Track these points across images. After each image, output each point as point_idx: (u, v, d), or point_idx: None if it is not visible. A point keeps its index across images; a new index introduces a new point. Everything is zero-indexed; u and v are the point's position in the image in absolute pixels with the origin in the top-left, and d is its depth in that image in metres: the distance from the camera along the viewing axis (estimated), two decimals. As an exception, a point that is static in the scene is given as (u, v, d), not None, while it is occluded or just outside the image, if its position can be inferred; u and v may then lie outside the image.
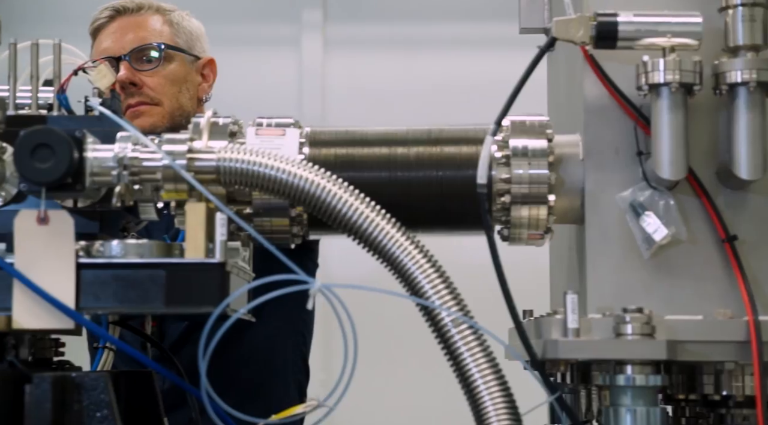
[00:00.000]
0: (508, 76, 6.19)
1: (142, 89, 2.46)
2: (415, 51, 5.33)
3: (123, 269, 1.45)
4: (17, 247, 1.44)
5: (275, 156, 1.48)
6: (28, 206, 1.53)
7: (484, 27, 5.24)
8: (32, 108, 1.62)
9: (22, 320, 1.42)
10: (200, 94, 2.59)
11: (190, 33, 2.57)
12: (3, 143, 1.54)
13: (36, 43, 1.65)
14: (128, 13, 2.49)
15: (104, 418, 1.40)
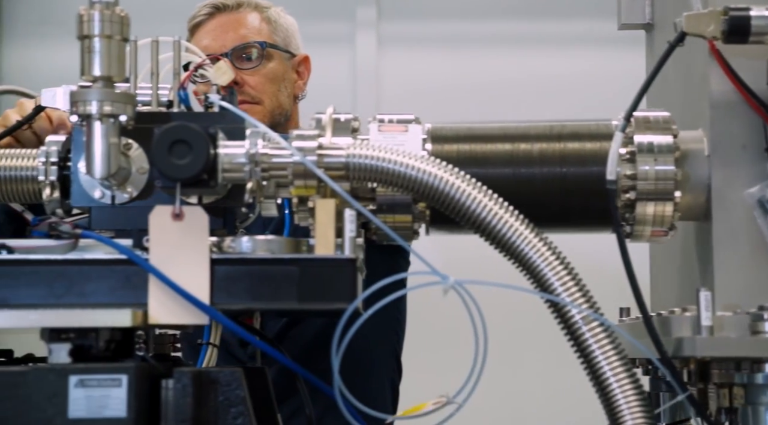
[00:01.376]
0: (559, 73, 6.18)
1: (243, 88, 2.46)
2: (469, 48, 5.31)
3: (256, 265, 1.45)
4: (152, 243, 1.45)
5: (404, 153, 1.48)
6: (153, 203, 1.54)
7: (535, 24, 5.22)
8: (153, 105, 1.63)
9: (157, 315, 1.43)
10: (296, 92, 2.59)
11: (286, 30, 2.58)
12: (129, 140, 1.54)
13: (156, 40, 1.65)
14: (227, 10, 2.49)
15: (239, 414, 1.40)
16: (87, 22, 1.49)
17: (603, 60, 5.05)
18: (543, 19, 5.20)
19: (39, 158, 1.58)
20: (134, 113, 1.51)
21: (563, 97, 5.02)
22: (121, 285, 1.44)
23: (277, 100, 2.50)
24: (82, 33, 1.50)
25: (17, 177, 1.59)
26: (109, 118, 1.49)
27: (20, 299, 1.43)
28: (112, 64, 1.50)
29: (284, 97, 2.53)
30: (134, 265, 1.44)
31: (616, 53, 4.96)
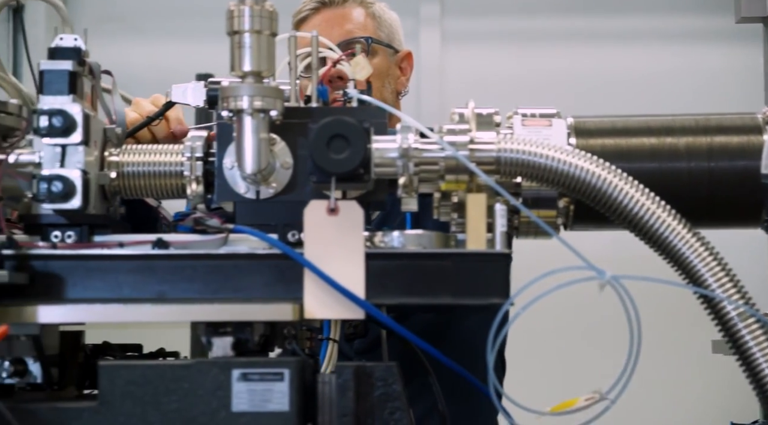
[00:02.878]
0: (627, 69, 6.09)
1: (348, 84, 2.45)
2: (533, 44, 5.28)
3: (410, 260, 1.45)
4: (307, 237, 1.45)
5: (555, 147, 1.47)
6: (297, 198, 1.54)
7: (598, 19, 5.19)
8: (291, 100, 1.63)
9: (312, 309, 1.43)
10: (399, 88, 2.59)
11: (390, 26, 2.57)
12: (272, 135, 1.55)
13: (294, 35, 1.66)
14: (333, 5, 2.49)
15: (396, 409, 1.40)
16: (237, 17, 1.50)
17: (670, 55, 5.00)
18: (606, 14, 5.17)
19: (184, 153, 1.58)
20: (283, 108, 1.51)
21: (627, 93, 4.98)
22: (275, 280, 1.45)
23: (381, 96, 2.48)
24: (233, 29, 1.50)
25: (160, 172, 1.60)
26: (259, 113, 1.49)
27: (178, 294, 1.44)
28: (262, 60, 1.50)
29: (388, 93, 2.53)
30: (288, 260, 1.45)
31: (686, 48, 4.94)
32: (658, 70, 4.99)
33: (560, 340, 4.78)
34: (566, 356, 4.77)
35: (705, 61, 4.96)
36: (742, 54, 4.96)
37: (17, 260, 1.42)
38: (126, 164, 1.59)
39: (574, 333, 4.79)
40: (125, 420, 1.35)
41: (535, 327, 4.40)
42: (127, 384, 1.36)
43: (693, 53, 4.99)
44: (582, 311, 4.37)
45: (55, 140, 1.48)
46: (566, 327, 4.76)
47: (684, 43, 4.99)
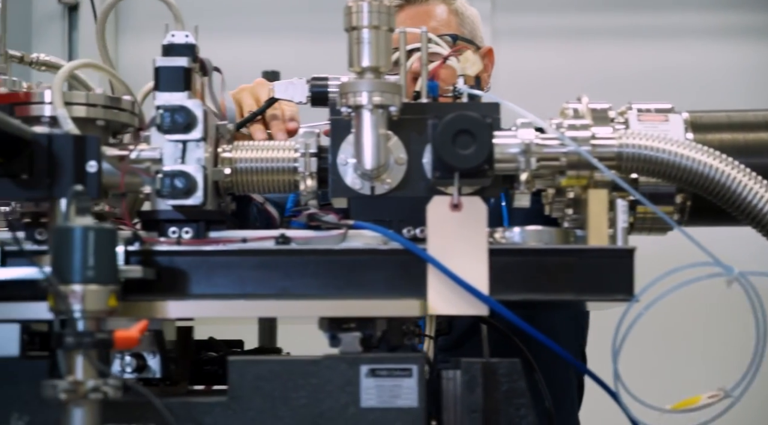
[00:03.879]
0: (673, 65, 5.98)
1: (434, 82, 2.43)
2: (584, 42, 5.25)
3: (533, 256, 1.44)
4: (430, 233, 1.45)
5: (677, 142, 1.46)
6: (411, 194, 1.54)
7: (648, 17, 5.15)
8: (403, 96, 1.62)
9: (436, 305, 1.43)
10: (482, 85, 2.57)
11: (472, 22, 2.57)
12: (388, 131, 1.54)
13: (404, 31, 1.65)
14: (417, 2, 2.48)
15: (521, 406, 1.40)
16: (356, 13, 1.50)
17: (714, 52, 4.96)
18: (656, 10, 5.13)
19: (298, 149, 1.58)
20: (402, 104, 1.51)
21: (678, 90, 4.95)
22: (397, 276, 1.45)
23: None
24: (351, 25, 1.50)
25: (273, 168, 1.60)
26: (378, 109, 1.49)
27: (301, 289, 1.44)
28: (381, 55, 1.50)
29: None
30: (409, 255, 1.45)
31: (738, 45, 4.89)
32: (707, 66, 4.95)
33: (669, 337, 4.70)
34: (675, 353, 4.71)
35: (757, 57, 4.92)
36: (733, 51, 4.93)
37: (143, 255, 1.42)
38: (239, 160, 1.60)
39: (682, 330, 4.72)
40: (255, 415, 1.35)
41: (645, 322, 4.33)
42: (256, 380, 1.36)
43: (744, 49, 4.95)
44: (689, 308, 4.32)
45: (176, 137, 1.49)
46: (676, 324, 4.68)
47: (736, 40, 4.96)
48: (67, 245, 1.23)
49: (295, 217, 1.59)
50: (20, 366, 1.36)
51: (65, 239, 1.23)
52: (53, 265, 1.24)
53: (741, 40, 5.02)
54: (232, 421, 1.35)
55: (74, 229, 1.23)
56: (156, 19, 6.10)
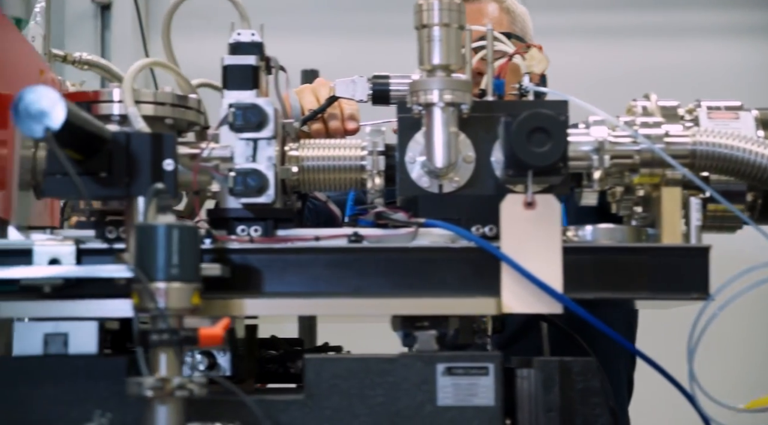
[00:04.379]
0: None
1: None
2: (616, 40, 5.24)
3: (607, 254, 1.44)
4: (503, 231, 1.44)
5: (752, 140, 1.45)
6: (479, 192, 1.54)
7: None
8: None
9: (510, 303, 1.42)
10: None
11: (523, 20, 2.56)
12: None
13: (470, 29, 1.65)
14: (469, 1, 2.47)
15: (597, 405, 1.39)
16: (426, 11, 1.50)
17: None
18: (685, 8, 5.11)
19: (365, 147, 1.58)
20: (472, 102, 1.51)
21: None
22: (470, 274, 1.44)
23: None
24: (421, 22, 1.50)
25: (340, 167, 1.60)
26: (449, 107, 1.49)
27: (374, 287, 1.44)
28: (451, 53, 1.50)
29: None
30: (482, 253, 1.44)
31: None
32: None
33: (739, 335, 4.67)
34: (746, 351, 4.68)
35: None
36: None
37: (216, 253, 1.43)
38: (306, 158, 1.60)
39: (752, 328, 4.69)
40: (332, 413, 1.35)
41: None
42: (333, 378, 1.36)
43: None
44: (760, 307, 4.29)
45: (248, 135, 1.49)
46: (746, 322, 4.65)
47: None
48: (151, 243, 1.23)
49: (362, 215, 1.59)
50: (98, 363, 1.36)
51: (149, 237, 1.23)
52: (136, 263, 1.24)
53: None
54: (309, 419, 1.35)
55: (158, 227, 1.23)
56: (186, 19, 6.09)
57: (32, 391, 1.34)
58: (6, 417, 1.34)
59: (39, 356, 1.35)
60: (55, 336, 1.35)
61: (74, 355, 1.35)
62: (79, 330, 1.36)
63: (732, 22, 4.94)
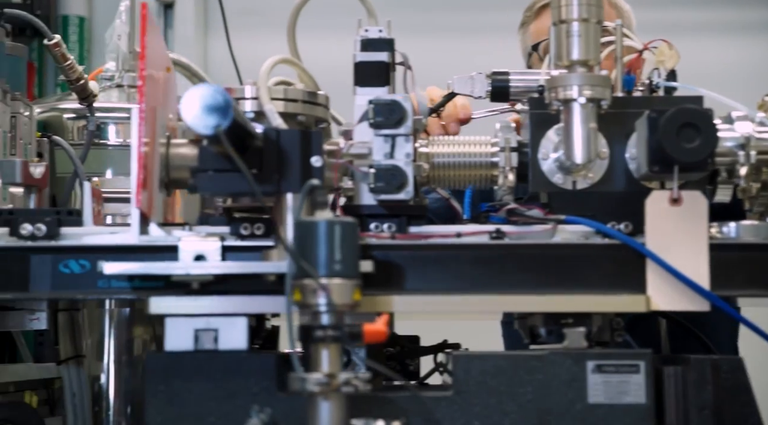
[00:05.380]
0: None
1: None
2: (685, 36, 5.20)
3: (756, 252, 1.42)
4: (649, 228, 1.43)
5: None
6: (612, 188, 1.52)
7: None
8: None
9: (657, 301, 1.41)
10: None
11: (628, 16, 2.52)
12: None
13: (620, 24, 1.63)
14: None
15: (746, 403, 1.38)
16: (565, 6, 1.49)
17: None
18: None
19: (498, 144, 1.58)
20: (612, 98, 1.50)
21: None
22: (613, 271, 1.43)
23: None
24: (560, 18, 1.49)
25: (471, 163, 1.59)
26: (589, 102, 1.48)
27: (516, 284, 1.43)
28: (590, 48, 1.49)
29: None
30: (625, 250, 1.43)
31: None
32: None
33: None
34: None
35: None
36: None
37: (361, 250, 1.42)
38: (436, 155, 1.59)
39: None
40: (481, 410, 1.35)
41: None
42: (481, 375, 1.36)
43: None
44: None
45: (386, 131, 1.49)
46: None
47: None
48: (312, 239, 1.23)
49: (494, 212, 1.59)
50: (248, 359, 1.36)
51: (310, 233, 1.23)
52: (298, 259, 1.24)
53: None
54: (459, 416, 1.35)
55: (319, 223, 1.23)
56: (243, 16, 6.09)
57: (184, 386, 1.35)
58: (160, 412, 1.34)
59: (190, 351, 1.36)
60: (206, 331, 1.36)
61: (225, 351, 1.36)
62: (229, 326, 1.36)
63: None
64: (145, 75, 1.41)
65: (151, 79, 1.47)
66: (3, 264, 1.42)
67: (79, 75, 2.04)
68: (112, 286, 1.42)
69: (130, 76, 2.55)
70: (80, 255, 1.42)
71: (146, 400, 1.35)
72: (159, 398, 1.34)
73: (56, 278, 1.42)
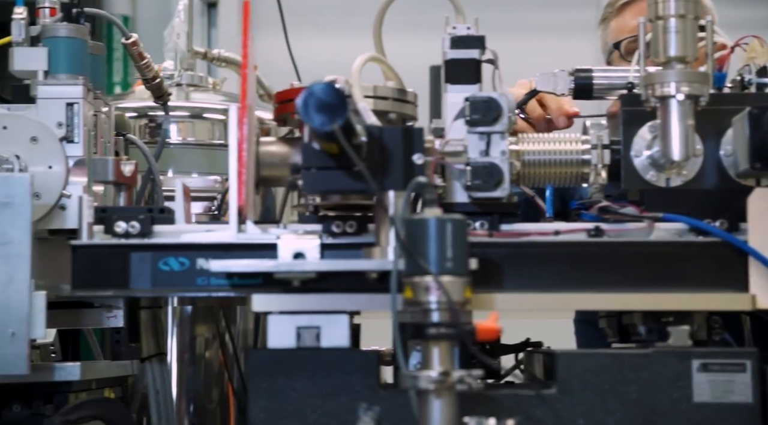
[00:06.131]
0: None
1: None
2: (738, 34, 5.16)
3: None
4: (751, 225, 1.42)
5: None
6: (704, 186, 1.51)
7: None
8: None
9: (762, 299, 1.40)
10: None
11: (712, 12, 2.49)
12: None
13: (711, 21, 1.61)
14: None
15: None
16: (662, 2, 1.48)
17: None
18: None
19: (588, 141, 1.57)
20: (709, 95, 1.49)
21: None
22: (714, 269, 1.42)
23: None
24: (656, 14, 1.48)
25: (562, 161, 1.58)
26: (687, 99, 1.47)
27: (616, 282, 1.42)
28: (688, 44, 1.48)
29: None
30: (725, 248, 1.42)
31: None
32: None
33: None
34: None
35: None
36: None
37: (460, 248, 1.42)
38: (526, 152, 1.58)
39: None
40: (585, 409, 1.34)
41: None
42: (585, 373, 1.35)
43: None
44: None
45: (482, 129, 1.48)
46: None
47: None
48: (423, 236, 1.23)
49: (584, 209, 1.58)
50: (351, 356, 1.36)
51: (420, 230, 1.23)
52: (405, 257, 1.24)
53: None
54: (563, 414, 1.34)
55: (429, 220, 1.23)
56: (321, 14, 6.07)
57: (287, 383, 1.35)
58: (263, 409, 1.34)
59: (293, 348, 1.36)
60: (308, 329, 1.36)
61: (327, 348, 1.36)
62: (331, 324, 1.36)
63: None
64: (246, 73, 1.41)
65: (246, 78, 1.47)
66: (103, 262, 1.43)
67: (155, 74, 2.05)
68: (211, 283, 1.42)
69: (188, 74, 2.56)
70: (179, 253, 1.43)
71: (249, 397, 1.35)
72: (262, 395, 1.34)
73: (156, 276, 1.43)
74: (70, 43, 1.72)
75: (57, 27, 1.72)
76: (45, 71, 1.68)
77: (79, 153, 1.64)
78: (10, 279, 1.46)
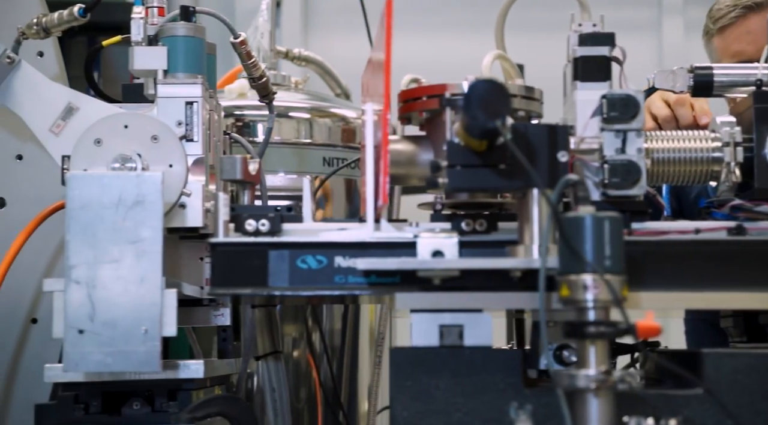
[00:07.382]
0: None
1: None
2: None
3: None
4: None
5: None
6: None
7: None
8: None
9: None
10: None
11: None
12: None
13: None
14: (760, 9, 2.36)
15: None
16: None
17: None
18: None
19: (720, 139, 1.55)
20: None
21: None
22: None
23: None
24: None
25: (693, 159, 1.56)
26: (829, 97, 1.45)
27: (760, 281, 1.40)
28: (825, 39, 1.46)
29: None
30: None
31: None
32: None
33: None
34: None
35: None
36: None
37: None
38: (656, 150, 1.57)
39: None
40: (733, 409, 1.32)
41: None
42: (733, 373, 1.33)
43: None
44: None
45: (618, 126, 1.47)
46: None
47: None
48: (579, 234, 1.22)
49: (714, 208, 1.56)
50: (494, 355, 1.35)
51: (576, 228, 1.22)
52: (561, 255, 1.23)
53: None
54: (711, 414, 1.32)
55: (585, 218, 1.22)
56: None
57: (430, 381, 1.34)
58: (406, 407, 1.34)
59: (436, 347, 1.35)
60: (451, 327, 1.35)
61: (470, 347, 1.35)
62: (474, 322, 1.35)
63: None
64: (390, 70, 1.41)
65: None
66: (242, 260, 1.43)
67: (261, 73, 2.05)
68: (349, 281, 1.42)
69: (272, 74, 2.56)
70: (317, 251, 1.43)
71: (391, 395, 1.35)
72: (405, 393, 1.34)
73: (294, 274, 1.43)
74: (189, 42, 1.73)
75: (176, 26, 1.72)
76: (164, 70, 1.69)
77: (198, 152, 1.64)
78: (142, 277, 1.46)
